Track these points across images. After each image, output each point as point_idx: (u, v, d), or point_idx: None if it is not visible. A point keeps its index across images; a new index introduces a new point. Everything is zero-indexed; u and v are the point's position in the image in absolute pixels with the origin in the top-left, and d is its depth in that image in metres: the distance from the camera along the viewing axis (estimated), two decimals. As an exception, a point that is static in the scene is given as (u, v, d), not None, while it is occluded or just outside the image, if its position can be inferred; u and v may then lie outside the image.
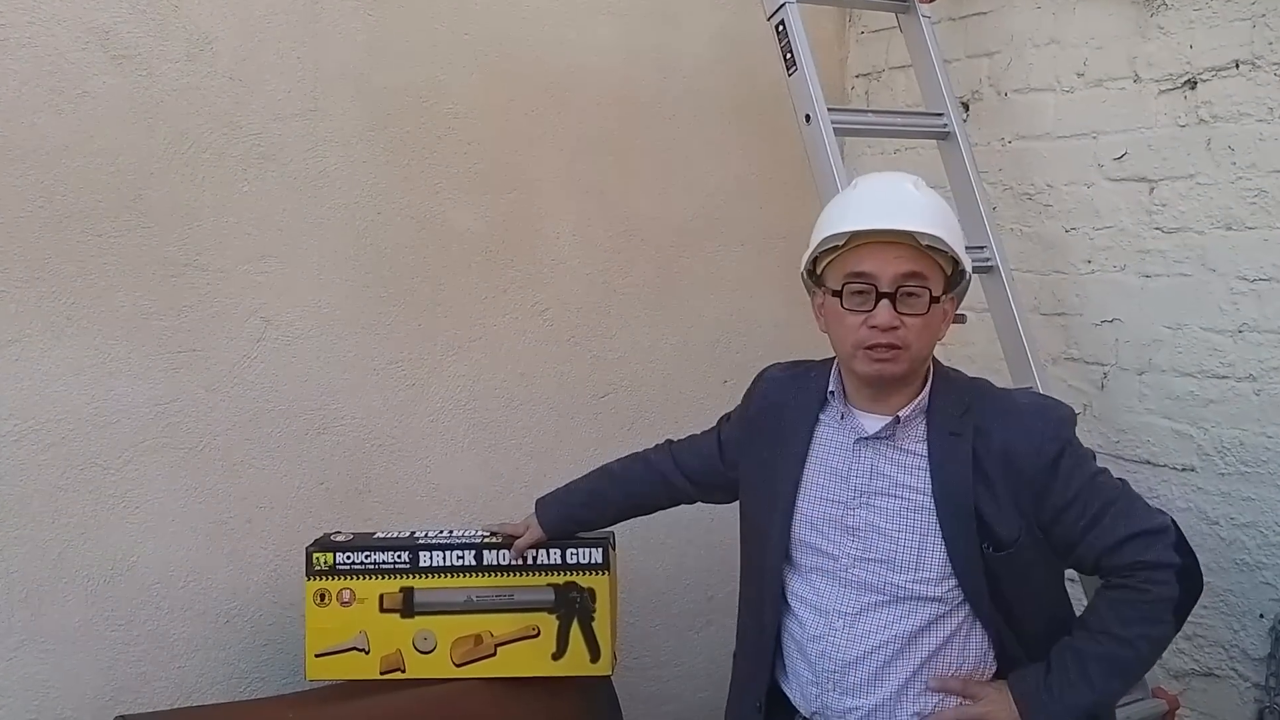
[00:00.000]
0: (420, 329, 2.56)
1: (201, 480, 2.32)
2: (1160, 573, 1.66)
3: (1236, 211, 2.32)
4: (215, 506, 2.34)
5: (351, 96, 2.44)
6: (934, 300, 1.66)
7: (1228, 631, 2.38)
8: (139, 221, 2.22)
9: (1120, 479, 1.75)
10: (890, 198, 1.69)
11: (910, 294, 1.64)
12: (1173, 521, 1.71)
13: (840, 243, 1.68)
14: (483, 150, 2.61)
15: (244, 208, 2.33)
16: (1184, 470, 2.44)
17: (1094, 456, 1.75)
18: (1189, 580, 1.71)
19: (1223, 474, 2.37)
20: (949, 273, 1.71)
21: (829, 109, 2.42)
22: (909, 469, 1.72)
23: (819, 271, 1.75)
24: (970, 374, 1.84)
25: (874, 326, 1.64)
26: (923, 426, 1.73)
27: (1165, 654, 2.47)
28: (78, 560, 2.20)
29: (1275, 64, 2.24)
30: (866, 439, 1.74)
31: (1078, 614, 1.78)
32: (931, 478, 1.70)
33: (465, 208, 2.60)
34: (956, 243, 1.69)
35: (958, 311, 1.81)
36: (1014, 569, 1.68)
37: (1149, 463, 2.50)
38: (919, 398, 1.72)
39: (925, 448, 1.71)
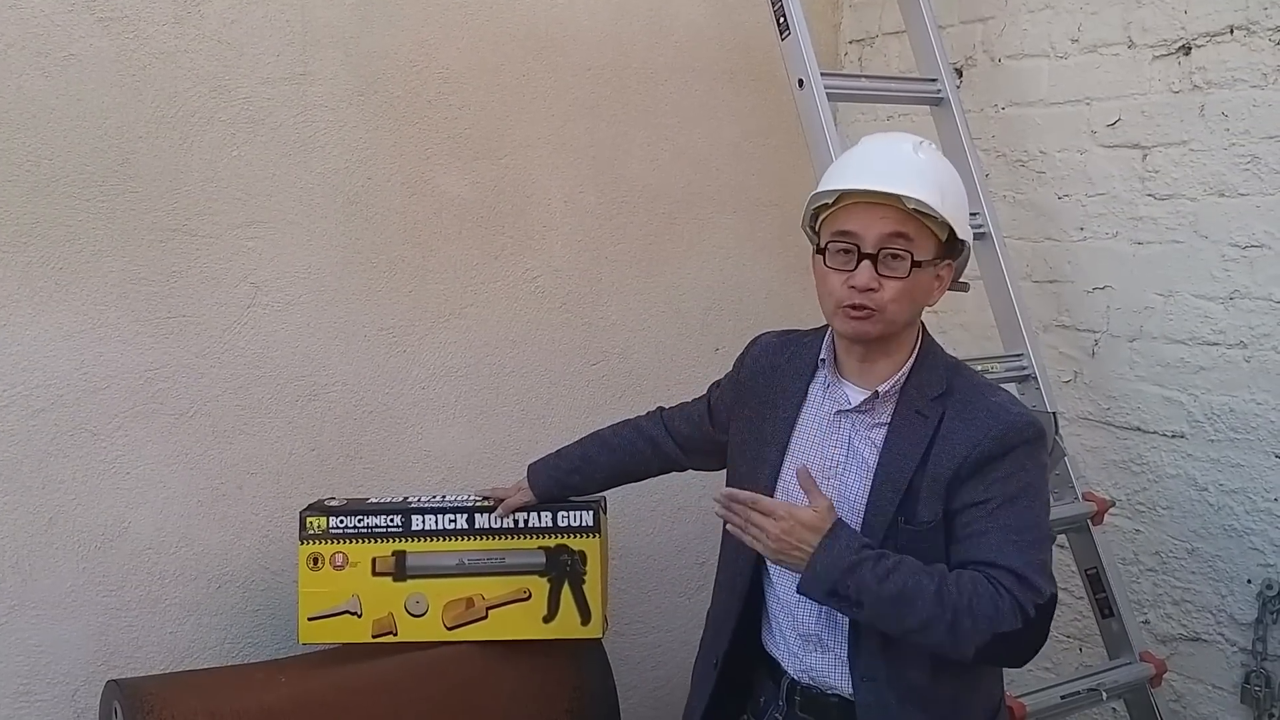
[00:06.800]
0: (410, 295, 2.55)
1: (192, 446, 2.32)
2: (1012, 602, 1.57)
3: (1229, 178, 2.31)
4: (206, 472, 2.34)
5: (341, 60, 2.42)
6: (915, 265, 1.64)
7: (1215, 597, 2.39)
8: (127, 186, 2.21)
9: (1050, 531, 1.69)
10: (884, 159, 1.67)
11: (894, 255, 1.63)
12: (1054, 596, 1.62)
13: (830, 200, 1.68)
14: (473, 115, 2.59)
15: (233, 172, 2.31)
16: (1174, 437, 2.45)
17: (1045, 485, 1.69)
18: (1025, 637, 1.58)
19: (1212, 440, 2.38)
20: (944, 238, 1.68)
21: (822, 74, 2.41)
22: (874, 443, 1.71)
23: (818, 227, 1.75)
24: (964, 341, 1.83)
25: (853, 286, 1.64)
26: (897, 401, 1.72)
27: (1153, 619, 2.50)
28: (69, 526, 2.20)
29: (1270, 29, 2.23)
30: (845, 412, 1.74)
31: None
32: (883, 449, 1.69)
33: (455, 173, 2.58)
34: (952, 208, 1.66)
35: (961, 280, 1.78)
36: (920, 549, 1.64)
37: (1139, 429, 2.51)
38: (900, 371, 1.72)
39: (889, 419, 1.71)
